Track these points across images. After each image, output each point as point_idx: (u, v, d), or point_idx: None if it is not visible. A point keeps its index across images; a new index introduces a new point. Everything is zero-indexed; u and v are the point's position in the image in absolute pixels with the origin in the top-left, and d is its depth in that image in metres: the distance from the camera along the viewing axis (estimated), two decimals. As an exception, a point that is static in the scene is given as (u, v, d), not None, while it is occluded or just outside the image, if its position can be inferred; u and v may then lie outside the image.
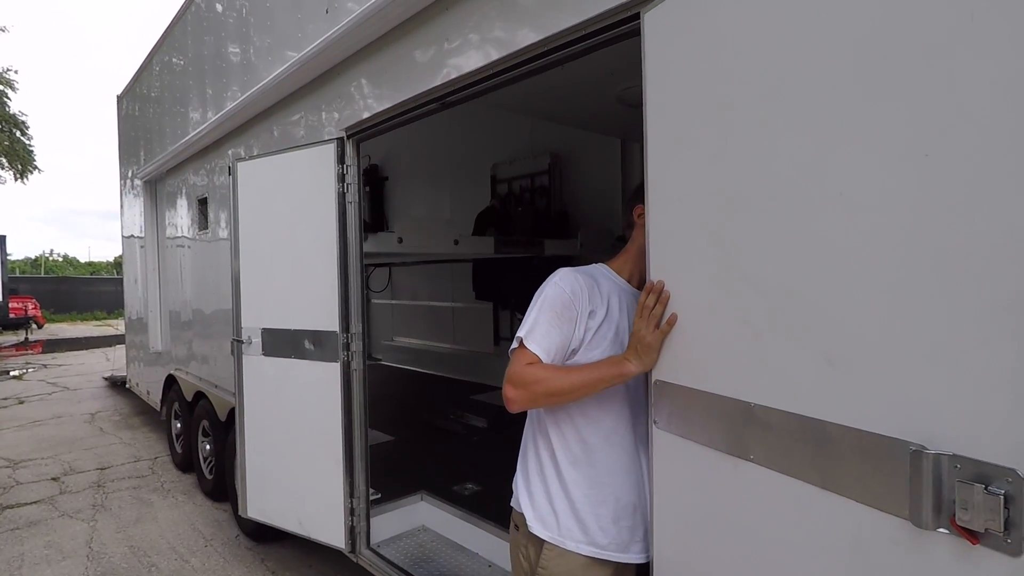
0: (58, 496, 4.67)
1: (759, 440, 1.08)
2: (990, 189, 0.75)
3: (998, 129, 0.74)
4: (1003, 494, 0.73)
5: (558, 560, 1.40)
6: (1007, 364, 0.74)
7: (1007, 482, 0.73)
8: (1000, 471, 0.74)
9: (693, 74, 1.24)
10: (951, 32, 0.79)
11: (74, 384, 9.67)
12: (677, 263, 1.29)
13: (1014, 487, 0.73)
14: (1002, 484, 0.74)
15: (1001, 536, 0.74)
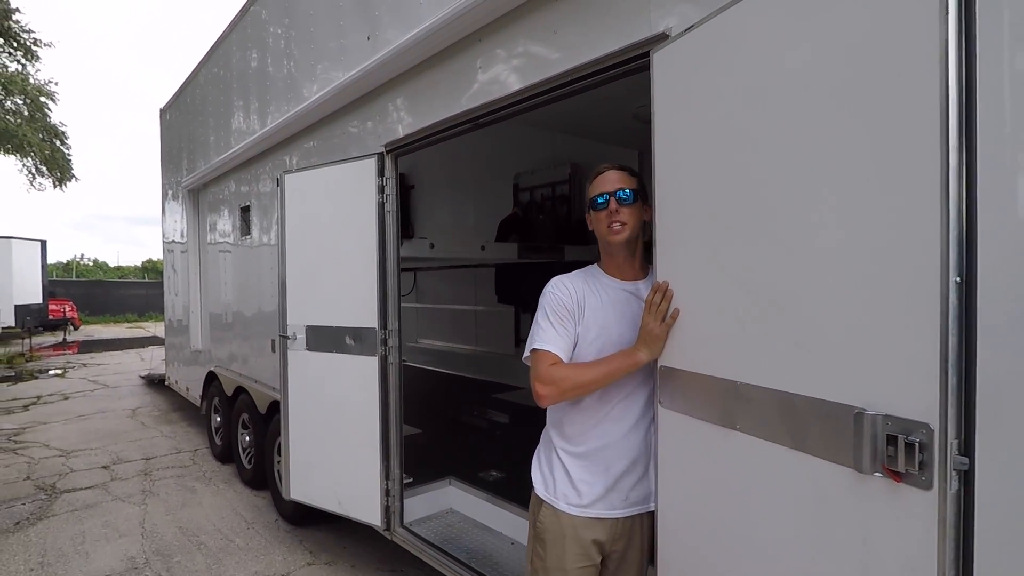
0: (109, 482, 5.02)
1: (743, 412, 1.31)
2: (907, 209, 0.98)
3: (917, 167, 0.96)
4: (918, 442, 0.95)
5: (552, 518, 1.66)
6: (921, 346, 0.96)
7: (922, 433, 0.95)
8: (917, 425, 0.96)
9: (692, 106, 1.48)
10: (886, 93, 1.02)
11: (113, 382, 10.13)
12: (679, 267, 1.52)
13: (926, 436, 0.95)
14: (918, 435, 0.96)
15: (917, 475, 0.95)
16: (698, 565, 1.47)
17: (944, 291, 0.92)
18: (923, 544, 0.95)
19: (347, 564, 3.49)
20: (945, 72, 0.90)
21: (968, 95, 0.91)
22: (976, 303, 0.92)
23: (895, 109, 0.99)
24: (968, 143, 0.91)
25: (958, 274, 0.92)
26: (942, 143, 0.91)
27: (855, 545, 1.06)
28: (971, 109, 0.91)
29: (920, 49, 0.94)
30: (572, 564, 1.63)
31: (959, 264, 0.92)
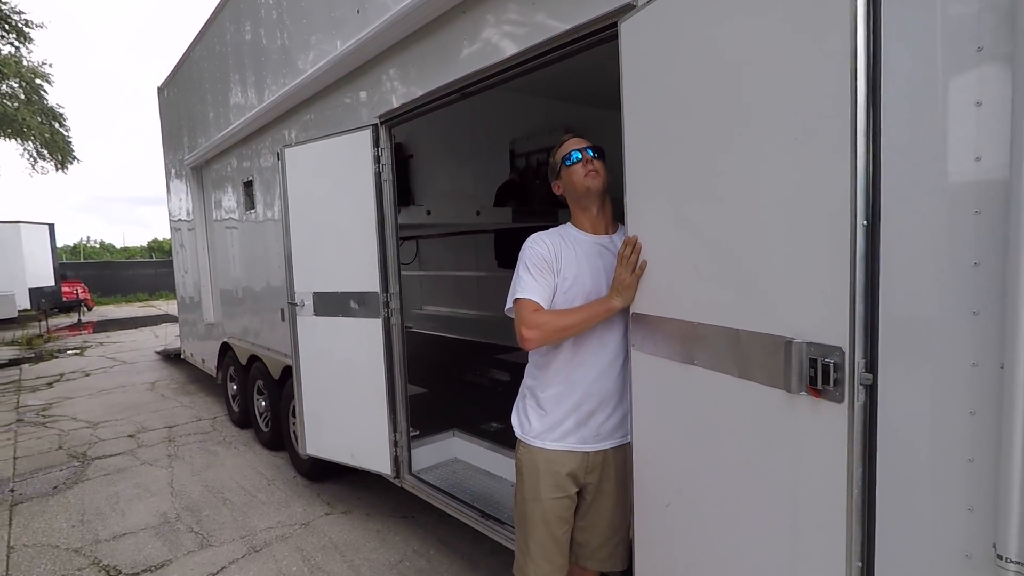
0: (136, 449, 5.32)
1: (700, 349, 1.48)
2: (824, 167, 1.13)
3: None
4: (832, 363, 1.12)
5: (527, 453, 1.88)
6: (835, 282, 1.12)
7: (836, 355, 1.12)
8: (832, 349, 1.13)
9: (654, 74, 1.61)
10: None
11: (130, 359, 10.44)
12: (646, 222, 1.68)
13: (839, 358, 1.12)
14: (833, 357, 1.13)
15: (832, 390, 1.13)
16: (667, 484, 1.67)
17: (852, 234, 1.08)
18: (837, 447, 1.13)
19: (362, 512, 3.76)
20: (854, 52, 1.04)
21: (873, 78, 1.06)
22: (879, 245, 1.08)
23: (815, 81, 1.13)
24: (874, 110, 1.06)
25: (865, 218, 1.07)
26: (852, 110, 1.06)
27: (788, 453, 1.25)
28: (876, 80, 1.06)
29: (832, 27, 1.08)
30: (546, 494, 1.83)
31: (865, 210, 1.07)
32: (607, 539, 1.94)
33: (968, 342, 1.15)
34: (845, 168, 1.08)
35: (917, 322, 1.18)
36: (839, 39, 1.08)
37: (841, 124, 1.08)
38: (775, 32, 1.23)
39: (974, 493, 1.16)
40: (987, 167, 1.11)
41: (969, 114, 1.13)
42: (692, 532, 1.57)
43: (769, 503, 1.32)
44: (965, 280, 1.13)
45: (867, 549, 1.15)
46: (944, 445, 1.18)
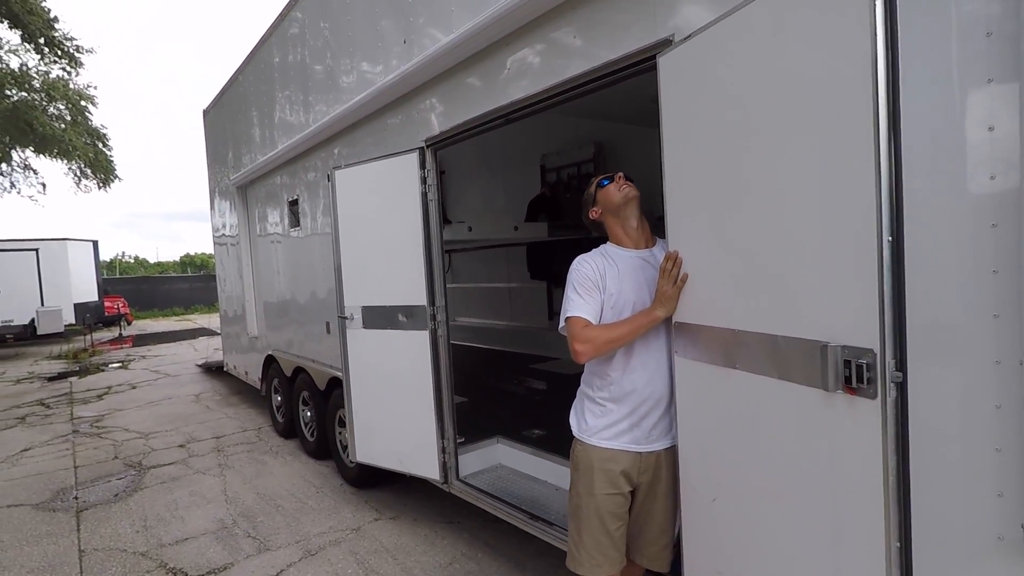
0: (188, 459, 5.58)
1: (741, 354, 1.62)
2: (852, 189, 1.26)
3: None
4: (865, 363, 1.25)
5: (583, 452, 2.02)
6: (865, 290, 1.26)
7: (869, 356, 1.25)
8: (865, 351, 1.26)
9: (691, 100, 1.77)
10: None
11: (173, 371, 10.84)
12: (686, 238, 1.82)
13: (871, 359, 1.25)
14: (866, 358, 1.26)
15: (866, 388, 1.26)
16: (712, 484, 1.80)
17: (880, 248, 1.21)
18: (872, 439, 1.26)
19: (410, 517, 3.93)
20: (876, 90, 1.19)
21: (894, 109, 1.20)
22: (904, 257, 1.21)
23: (840, 111, 1.28)
24: (895, 135, 1.20)
25: (890, 235, 1.21)
26: (875, 136, 1.20)
27: (827, 446, 1.38)
28: (896, 109, 1.20)
29: (855, 61, 1.23)
30: (600, 490, 1.97)
31: (891, 227, 1.21)
32: (656, 538, 2.07)
33: (991, 342, 1.27)
34: (871, 189, 1.22)
35: (942, 325, 1.31)
36: (861, 72, 1.22)
37: (866, 149, 1.22)
38: (799, 65, 1.38)
39: (1003, 480, 1.28)
40: (1001, 185, 1.24)
41: (984, 138, 1.26)
42: (737, 524, 1.70)
43: (810, 493, 1.45)
44: (986, 286, 1.26)
45: (904, 531, 1.27)
46: (973, 436, 1.30)
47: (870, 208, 1.22)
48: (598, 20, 2.20)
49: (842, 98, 1.28)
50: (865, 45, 1.21)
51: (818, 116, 1.34)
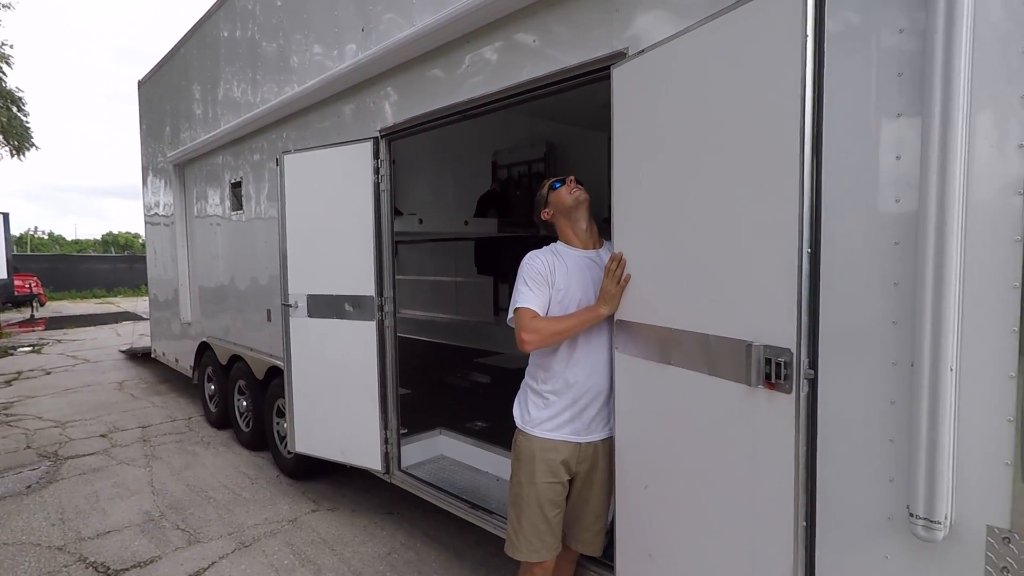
0: (111, 448, 5.32)
1: (676, 351, 1.75)
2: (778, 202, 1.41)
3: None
4: (783, 361, 1.40)
5: (525, 441, 2.12)
6: (786, 295, 1.40)
7: (786, 355, 1.40)
8: (783, 350, 1.41)
9: (641, 111, 1.88)
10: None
11: (93, 357, 10.24)
12: (630, 240, 1.94)
13: (788, 357, 1.39)
14: (784, 356, 1.40)
15: (783, 384, 1.41)
16: (645, 472, 1.93)
17: (800, 259, 1.36)
18: (787, 430, 1.41)
19: (348, 509, 3.92)
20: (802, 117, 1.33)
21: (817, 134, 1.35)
22: (820, 267, 1.37)
23: (774, 139, 1.42)
24: (817, 164, 1.35)
25: (809, 247, 1.35)
26: (799, 162, 1.35)
27: (748, 436, 1.52)
28: (819, 142, 1.35)
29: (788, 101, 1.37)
30: (541, 479, 2.07)
31: (810, 240, 1.36)
32: (590, 524, 2.19)
33: (889, 345, 1.44)
34: (794, 205, 1.36)
35: (850, 329, 1.48)
36: (791, 100, 1.36)
37: (791, 168, 1.37)
38: (738, 88, 1.52)
39: (894, 467, 1.46)
40: (904, 207, 1.41)
41: (892, 165, 1.43)
42: (667, 509, 1.84)
43: (733, 479, 1.59)
44: (887, 296, 1.43)
45: (810, 512, 1.42)
46: (871, 428, 1.48)
47: (793, 222, 1.36)
48: (558, 27, 2.29)
49: (773, 122, 1.42)
50: (795, 76, 1.35)
51: (752, 136, 1.48)
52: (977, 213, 1.32)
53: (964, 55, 1.27)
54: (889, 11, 1.43)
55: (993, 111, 1.31)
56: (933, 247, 1.31)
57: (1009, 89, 1.28)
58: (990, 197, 1.31)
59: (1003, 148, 1.30)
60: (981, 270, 1.32)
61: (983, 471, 1.33)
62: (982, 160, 1.32)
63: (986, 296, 1.32)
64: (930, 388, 1.33)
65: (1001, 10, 1.29)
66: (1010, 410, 1.30)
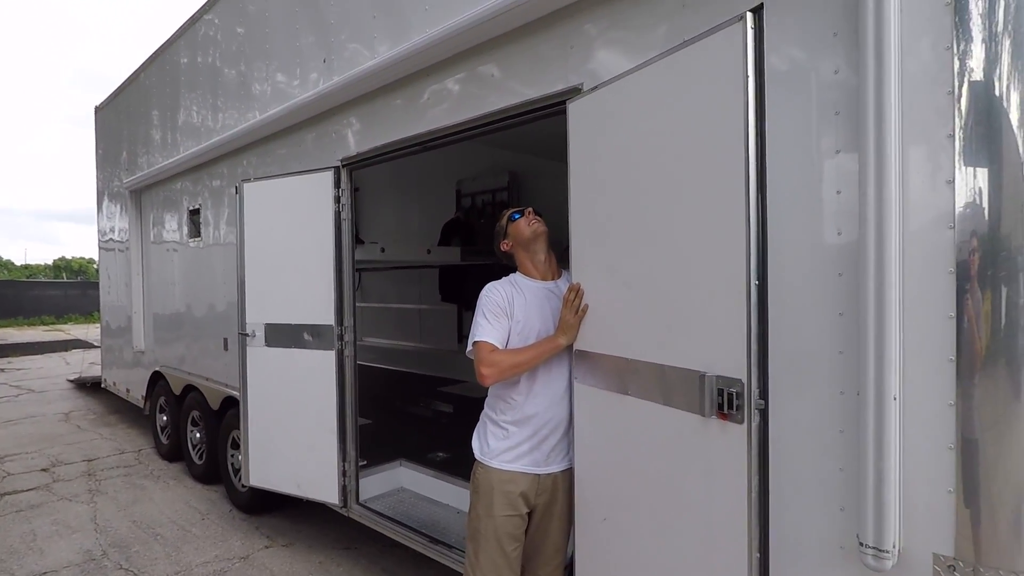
0: (52, 484, 5.04)
1: (633, 381, 1.75)
2: (726, 237, 1.44)
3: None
4: (735, 392, 1.41)
5: (484, 474, 2.08)
6: (736, 327, 1.42)
7: (738, 385, 1.42)
8: (735, 381, 1.43)
9: (595, 145, 1.92)
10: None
11: (39, 387, 9.76)
12: (588, 271, 1.96)
13: (740, 388, 1.41)
14: (736, 387, 1.42)
15: (735, 414, 1.42)
16: (604, 504, 1.91)
17: (748, 290, 1.39)
18: (740, 460, 1.42)
19: (304, 544, 3.77)
20: (747, 154, 1.38)
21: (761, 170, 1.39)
22: (767, 298, 1.40)
23: (721, 175, 1.46)
24: (762, 198, 1.39)
25: (757, 279, 1.38)
26: (745, 197, 1.39)
27: (703, 467, 1.53)
28: (763, 178, 1.39)
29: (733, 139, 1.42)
30: (499, 512, 2.03)
31: (757, 272, 1.39)
32: (549, 558, 2.14)
33: (837, 375, 1.48)
34: (741, 237, 1.39)
35: (799, 359, 1.51)
36: (735, 138, 1.41)
37: (738, 203, 1.40)
38: (686, 126, 1.57)
39: (844, 496, 1.47)
40: (845, 240, 1.46)
41: (833, 199, 1.48)
42: (625, 541, 1.82)
43: (688, 510, 1.59)
44: (833, 326, 1.47)
45: (763, 543, 1.42)
46: (821, 457, 1.50)
47: (740, 254, 1.39)
48: (518, 61, 2.33)
49: (719, 157, 1.46)
50: (739, 114, 1.39)
51: (699, 171, 1.52)
52: (913, 245, 1.37)
53: (894, 95, 1.33)
54: (825, 52, 1.50)
55: (925, 148, 1.37)
56: (873, 279, 1.36)
57: (939, 127, 1.35)
58: (924, 230, 1.37)
59: (935, 183, 1.36)
60: (919, 301, 1.37)
61: (928, 499, 1.36)
62: (916, 194, 1.38)
63: (925, 326, 1.36)
64: (875, 417, 1.36)
65: (929, 53, 1.36)
66: (951, 438, 1.33)
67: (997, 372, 1.29)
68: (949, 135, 1.34)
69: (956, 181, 1.32)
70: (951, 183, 1.33)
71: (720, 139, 1.45)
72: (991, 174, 1.30)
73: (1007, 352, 1.27)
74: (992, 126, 1.30)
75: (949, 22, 1.34)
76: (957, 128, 1.32)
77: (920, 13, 1.37)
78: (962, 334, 1.32)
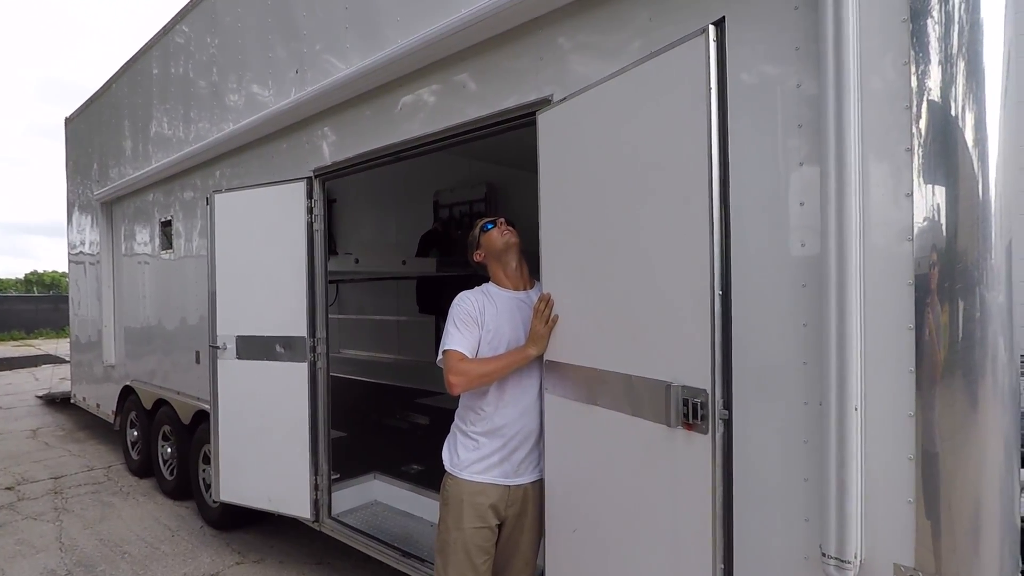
0: (16, 503, 4.87)
1: (602, 392, 1.74)
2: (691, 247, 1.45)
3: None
4: (700, 402, 1.41)
5: (453, 486, 2.05)
6: (700, 337, 1.43)
7: (703, 395, 1.42)
8: (699, 391, 1.42)
9: (564, 155, 1.92)
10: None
11: (6, 403, 9.47)
12: (558, 282, 1.96)
13: (704, 398, 1.41)
14: (700, 397, 1.42)
15: (700, 424, 1.42)
16: (573, 515, 1.89)
17: (712, 301, 1.39)
18: (704, 471, 1.41)
19: (276, 560, 3.69)
20: (710, 166, 1.38)
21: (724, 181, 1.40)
22: (732, 309, 1.40)
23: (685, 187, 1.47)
24: (725, 205, 1.40)
25: (720, 289, 1.39)
26: (708, 208, 1.39)
27: (669, 477, 1.52)
28: (726, 189, 1.40)
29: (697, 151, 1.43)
30: (468, 524, 2.00)
31: (721, 283, 1.39)
32: (519, 571, 2.12)
33: (801, 385, 1.48)
34: (705, 248, 1.40)
35: (764, 369, 1.52)
36: (699, 150, 1.42)
37: (701, 212, 1.41)
38: (651, 137, 1.58)
39: (809, 506, 1.48)
40: (808, 251, 1.47)
41: (796, 211, 1.50)
42: (594, 553, 1.80)
43: (655, 521, 1.58)
44: (797, 337, 1.48)
45: (727, 554, 1.42)
46: (785, 468, 1.50)
47: (704, 265, 1.40)
48: (490, 73, 2.33)
49: (683, 169, 1.47)
50: (702, 126, 1.40)
51: (664, 182, 1.53)
52: (874, 257, 1.39)
53: (853, 108, 1.36)
54: (787, 66, 1.52)
55: (886, 162, 1.39)
56: (835, 290, 1.37)
57: (898, 142, 1.37)
58: (885, 242, 1.39)
59: (896, 196, 1.38)
60: (880, 312, 1.39)
61: (889, 509, 1.36)
62: (876, 207, 1.40)
63: (886, 337, 1.38)
64: (837, 427, 1.37)
65: (890, 69, 1.39)
66: (911, 448, 1.34)
67: (955, 383, 1.30)
68: (907, 149, 1.36)
69: (915, 195, 1.35)
70: (910, 196, 1.35)
71: (684, 150, 1.46)
72: (948, 189, 1.32)
73: (964, 364, 1.29)
74: (948, 143, 1.32)
75: (907, 39, 1.37)
76: (916, 143, 1.35)
77: (879, 30, 1.39)
78: (921, 345, 1.33)
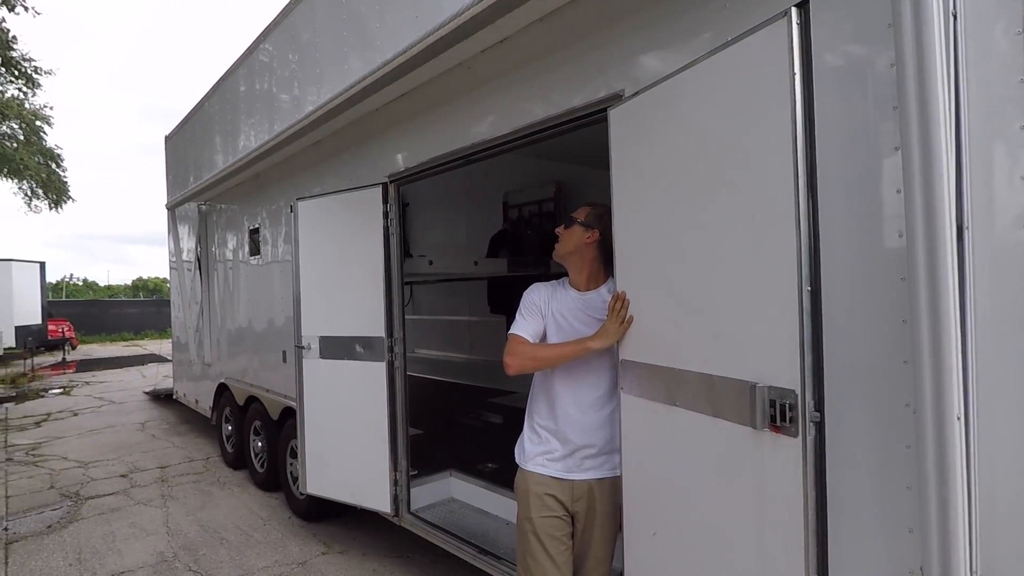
0: (130, 489, 5.34)
1: (680, 391, 1.70)
2: (777, 243, 1.38)
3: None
4: (788, 403, 1.34)
5: (520, 477, 2.11)
6: (789, 336, 1.36)
7: (791, 397, 1.35)
8: (788, 392, 1.36)
9: (638, 152, 1.88)
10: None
11: (119, 398, 10.39)
12: (633, 281, 1.92)
13: (794, 399, 1.34)
14: (789, 398, 1.35)
15: (789, 427, 1.35)
16: (653, 518, 1.85)
17: (800, 297, 1.32)
18: (794, 476, 1.34)
19: (359, 552, 3.84)
20: (795, 155, 1.31)
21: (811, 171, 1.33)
22: (821, 305, 1.32)
23: (768, 178, 1.40)
24: (813, 201, 1.33)
25: (809, 285, 1.32)
26: (795, 200, 1.32)
27: (755, 482, 1.45)
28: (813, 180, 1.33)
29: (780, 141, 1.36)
30: (536, 513, 2.02)
31: (809, 278, 1.32)
32: (591, 570, 2.09)
33: (902, 386, 1.38)
34: (792, 243, 1.33)
35: (858, 369, 1.42)
36: (782, 139, 1.35)
37: (787, 206, 1.34)
38: (730, 128, 1.51)
39: (913, 517, 1.37)
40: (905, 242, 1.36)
41: (891, 199, 1.40)
42: (676, 556, 1.75)
43: (741, 528, 1.52)
44: (894, 335, 1.38)
45: (822, 565, 1.34)
46: (885, 474, 1.40)
47: (791, 260, 1.33)
48: (556, 73, 2.32)
49: (765, 159, 1.40)
50: (786, 113, 1.34)
51: (745, 174, 1.46)
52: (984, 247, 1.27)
53: (941, 84, 1.24)
54: (879, 45, 1.42)
55: (998, 142, 1.27)
56: (924, 283, 1.25)
57: (1013, 119, 1.25)
58: (998, 230, 1.27)
59: (1011, 179, 1.26)
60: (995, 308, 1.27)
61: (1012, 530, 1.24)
62: (987, 192, 1.28)
63: (1003, 336, 1.26)
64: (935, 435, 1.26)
65: (1002, 40, 1.27)
66: (1032, 454, 1.22)
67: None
68: (1022, 127, 1.24)
69: (1032, 176, 1.22)
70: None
71: (766, 140, 1.40)
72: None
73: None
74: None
75: (1020, 6, 1.24)
76: (1032, 119, 1.22)
77: (986, -2, 1.27)
78: (1044, 342, 1.21)
